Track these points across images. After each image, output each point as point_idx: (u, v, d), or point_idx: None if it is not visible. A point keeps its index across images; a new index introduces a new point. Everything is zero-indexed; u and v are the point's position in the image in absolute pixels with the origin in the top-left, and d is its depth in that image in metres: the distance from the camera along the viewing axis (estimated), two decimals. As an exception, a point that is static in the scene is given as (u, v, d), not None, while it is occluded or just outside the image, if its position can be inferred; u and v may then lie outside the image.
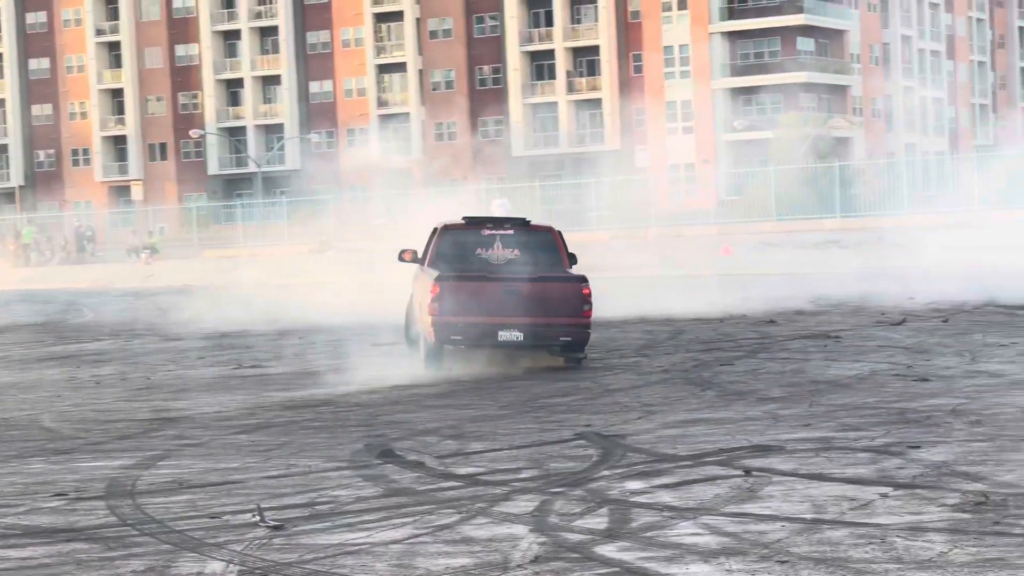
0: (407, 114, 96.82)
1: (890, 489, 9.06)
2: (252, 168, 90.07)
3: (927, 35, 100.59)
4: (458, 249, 17.94)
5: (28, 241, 70.58)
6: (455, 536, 8.20)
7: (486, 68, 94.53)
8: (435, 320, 16.79)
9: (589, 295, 17.15)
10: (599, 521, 8.46)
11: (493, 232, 18.08)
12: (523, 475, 10.10)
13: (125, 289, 43.67)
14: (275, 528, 8.50)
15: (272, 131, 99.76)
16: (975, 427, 11.49)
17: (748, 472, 9.80)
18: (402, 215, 63.78)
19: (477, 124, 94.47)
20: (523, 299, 16.91)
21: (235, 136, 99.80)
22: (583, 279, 17.22)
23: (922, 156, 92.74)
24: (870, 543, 7.63)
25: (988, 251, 35.00)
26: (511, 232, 18.09)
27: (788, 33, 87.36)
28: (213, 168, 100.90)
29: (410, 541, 8.11)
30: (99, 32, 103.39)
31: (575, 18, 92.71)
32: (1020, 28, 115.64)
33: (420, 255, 18.70)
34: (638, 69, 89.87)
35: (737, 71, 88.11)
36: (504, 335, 16.90)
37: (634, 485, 9.55)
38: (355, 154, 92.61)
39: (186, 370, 19.19)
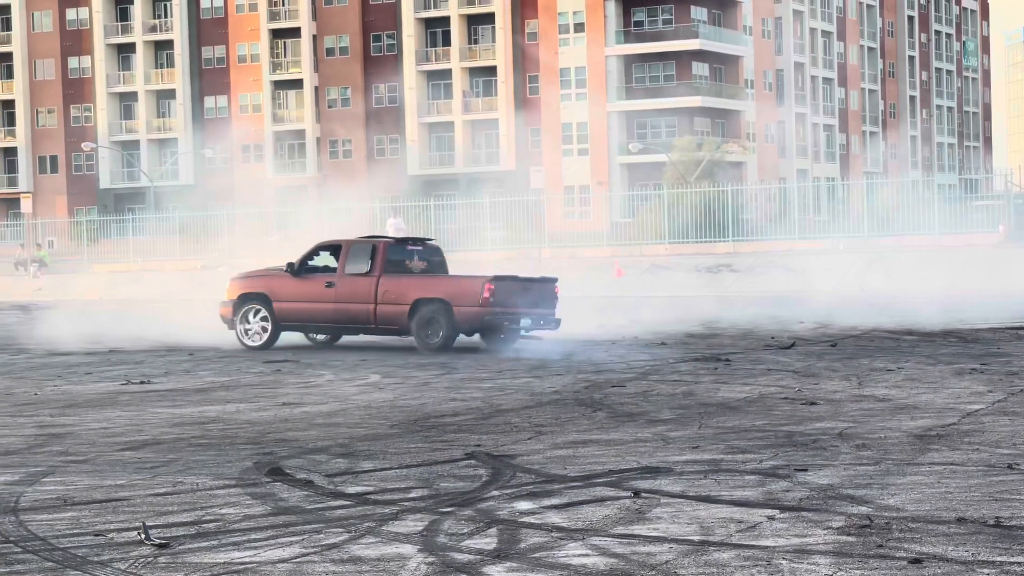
0: (303, 131, 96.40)
1: (777, 512, 9.17)
2: (145, 183, 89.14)
3: (820, 62, 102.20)
4: (397, 258, 23.80)
5: (-88, 252, 69.13)
6: (343, 555, 8.16)
7: (382, 86, 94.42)
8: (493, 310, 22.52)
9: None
10: (488, 541, 8.47)
11: (413, 248, 24.35)
12: (413, 494, 10.08)
13: (13, 303, 42.96)
14: (160, 546, 8.40)
15: (166, 145, 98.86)
16: (861, 451, 11.66)
17: (637, 493, 9.87)
18: (296, 232, 63.49)
19: (373, 142, 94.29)
20: (530, 292, 23.42)
21: (128, 150, 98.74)
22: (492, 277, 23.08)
23: (813, 181, 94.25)
24: (756, 565, 7.72)
25: (876, 277, 35.59)
26: (422, 247, 24.54)
27: (683, 57, 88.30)
28: (105, 182, 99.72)
29: (298, 560, 8.06)
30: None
31: (472, 38, 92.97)
32: (910, 57, 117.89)
33: (296, 267, 23.75)
34: (534, 90, 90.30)
35: (632, 94, 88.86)
36: (524, 322, 23.03)
37: (523, 505, 9.57)
38: (249, 170, 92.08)
39: (73, 385, 18.91)
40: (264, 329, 23.90)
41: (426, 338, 22.78)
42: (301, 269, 23.74)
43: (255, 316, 23.96)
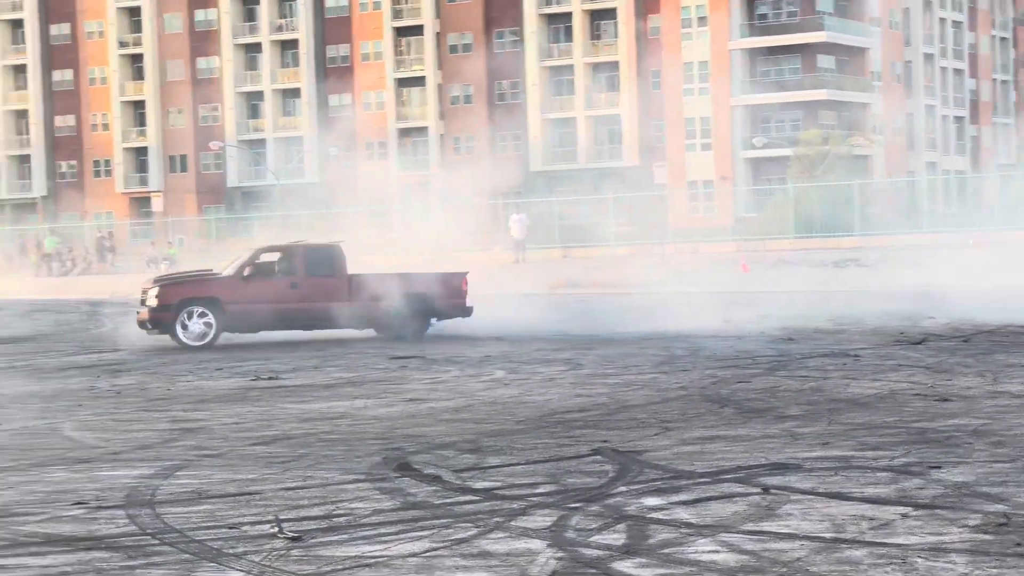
0: (425, 127, 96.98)
1: (910, 509, 9.04)
2: (271, 180, 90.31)
3: (949, 53, 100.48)
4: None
5: (50, 251, 70.79)
6: (472, 550, 8.20)
7: (505, 83, 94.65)
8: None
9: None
10: (616, 537, 8.45)
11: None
12: (540, 490, 10.09)
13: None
14: (293, 540, 8.51)
15: (291, 143, 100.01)
16: (997, 448, 11.46)
17: (766, 490, 9.79)
18: (420, 228, 63.78)
19: (495, 138, 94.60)
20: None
21: (255, 148, 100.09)
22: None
23: (942, 175, 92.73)
24: (891, 563, 7.61)
25: (1009, 271, 34.91)
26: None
27: (808, 50, 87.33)
28: (232, 180, 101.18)
29: (428, 555, 8.12)
30: (122, 44, 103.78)
31: (595, 34, 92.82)
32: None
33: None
34: (657, 85, 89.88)
35: (757, 88, 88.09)
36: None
37: (651, 501, 9.54)
38: (373, 167, 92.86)
39: (204, 381, 19.23)
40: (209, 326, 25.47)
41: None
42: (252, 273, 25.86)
43: (198, 318, 25.51)
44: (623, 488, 10.06)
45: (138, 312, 26.20)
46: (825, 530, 8.46)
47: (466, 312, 26.44)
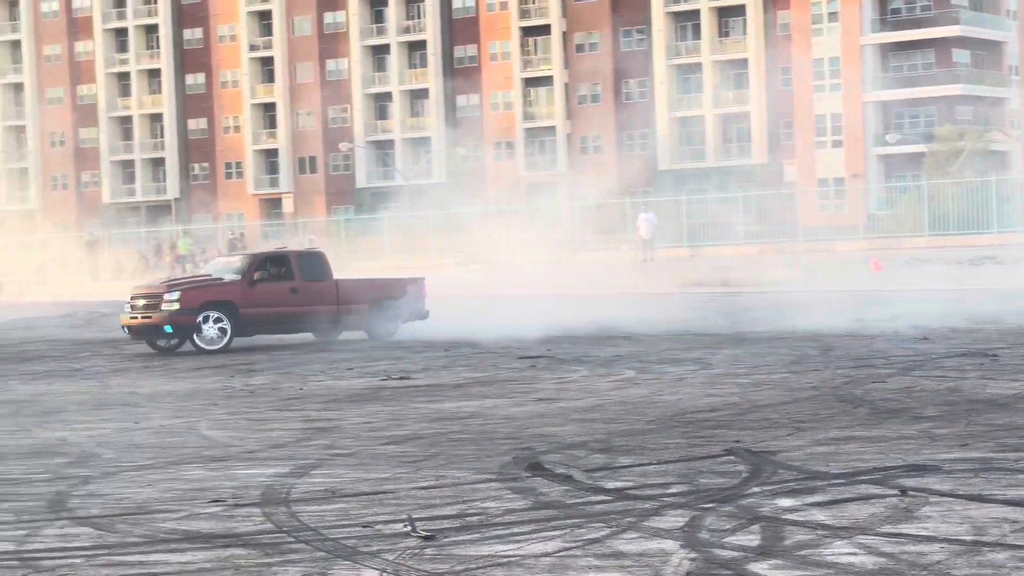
0: (553, 127, 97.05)
1: (1052, 512, 8.83)
2: (399, 181, 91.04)
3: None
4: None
5: (184, 252, 72.03)
6: (605, 550, 8.17)
7: (632, 81, 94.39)
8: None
9: None
10: (751, 538, 8.37)
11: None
12: (672, 490, 10.03)
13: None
14: (426, 538, 8.55)
15: (419, 144, 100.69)
16: None
17: (904, 491, 9.62)
18: (547, 229, 63.91)
19: (623, 137, 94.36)
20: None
21: (383, 149, 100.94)
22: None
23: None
24: (1033, 567, 7.44)
25: None
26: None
27: (942, 44, 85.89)
28: (361, 181, 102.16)
29: (560, 554, 8.10)
30: (252, 48, 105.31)
31: (723, 31, 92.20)
32: None
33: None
34: (787, 82, 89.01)
35: (889, 83, 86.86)
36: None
37: (786, 502, 9.43)
38: (500, 167, 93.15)
39: (336, 380, 19.42)
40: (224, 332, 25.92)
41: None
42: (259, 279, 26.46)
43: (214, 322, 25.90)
44: (756, 489, 9.95)
45: (136, 316, 25.83)
46: (965, 533, 8.30)
47: (424, 315, 27.52)
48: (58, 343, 29.52)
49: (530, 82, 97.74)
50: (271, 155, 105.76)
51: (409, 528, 8.78)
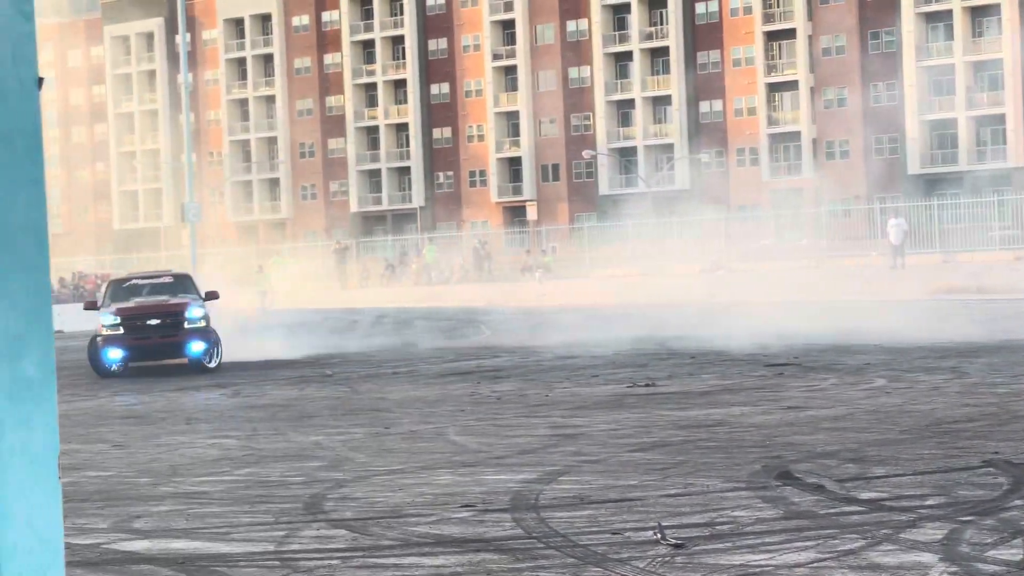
0: (798, 132, 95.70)
1: None
2: (642, 188, 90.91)
3: None
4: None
5: (430, 260, 73.25)
6: (861, 562, 7.98)
7: (880, 84, 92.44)
8: None
9: None
10: (1015, 552, 8.08)
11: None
12: (929, 502, 9.75)
13: (519, 308, 44.75)
14: (676, 546, 8.49)
15: (662, 151, 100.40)
16: None
17: None
18: (793, 236, 63.07)
19: (871, 141, 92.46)
20: None
21: (625, 156, 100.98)
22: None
23: None
24: None
25: None
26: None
27: None
28: (603, 188, 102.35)
29: (814, 565, 7.95)
30: (496, 57, 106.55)
31: (976, 31, 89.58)
32: None
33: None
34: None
35: None
36: None
37: (1051, 517, 9.08)
38: (744, 173, 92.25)
39: (581, 387, 19.47)
40: None
41: None
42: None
43: None
44: (1019, 502, 9.61)
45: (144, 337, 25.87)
46: None
47: None
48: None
49: (774, 87, 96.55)
50: (514, 163, 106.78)
51: (659, 536, 8.73)
